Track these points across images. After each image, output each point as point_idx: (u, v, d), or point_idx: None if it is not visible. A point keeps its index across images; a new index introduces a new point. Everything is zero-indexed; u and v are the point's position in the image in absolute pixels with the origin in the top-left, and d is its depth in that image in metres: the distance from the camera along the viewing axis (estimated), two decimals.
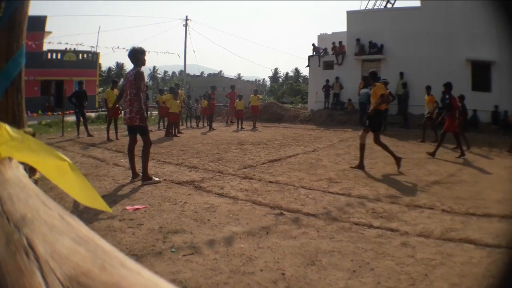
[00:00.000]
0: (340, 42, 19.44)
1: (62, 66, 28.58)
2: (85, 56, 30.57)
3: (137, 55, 5.60)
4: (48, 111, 22.21)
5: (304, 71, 75.87)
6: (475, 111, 14.43)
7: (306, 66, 21.53)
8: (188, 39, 30.39)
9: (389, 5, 21.12)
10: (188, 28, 31.73)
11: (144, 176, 5.55)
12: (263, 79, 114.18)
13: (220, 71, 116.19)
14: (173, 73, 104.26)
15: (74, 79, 25.32)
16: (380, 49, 18.00)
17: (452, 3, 15.65)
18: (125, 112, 5.76)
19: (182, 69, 38.92)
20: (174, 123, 12.80)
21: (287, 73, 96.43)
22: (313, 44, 21.55)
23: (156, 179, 5.63)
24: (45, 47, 28.26)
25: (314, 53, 20.90)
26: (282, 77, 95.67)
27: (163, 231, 3.53)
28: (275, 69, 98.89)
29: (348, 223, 3.84)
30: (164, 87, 25.38)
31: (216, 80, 67.77)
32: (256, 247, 3.19)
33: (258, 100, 17.24)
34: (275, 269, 2.76)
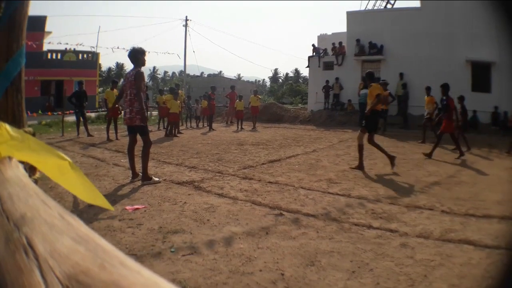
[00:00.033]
0: (340, 43, 19.44)
1: (62, 66, 28.60)
2: (85, 56, 30.60)
3: (137, 55, 5.61)
4: (48, 111, 22.20)
5: (304, 72, 76.06)
6: (475, 112, 14.42)
7: (306, 66, 21.53)
8: (188, 39, 30.45)
9: (389, 6, 21.13)
10: (188, 28, 31.77)
11: (144, 176, 5.55)
12: (263, 79, 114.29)
13: (220, 71, 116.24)
14: (173, 73, 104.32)
15: (74, 79, 25.33)
16: (380, 49, 18.00)
17: (452, 4, 15.65)
18: (125, 112, 5.77)
19: (182, 69, 38.95)
20: (174, 124, 12.79)
21: (287, 74, 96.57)
22: (313, 45, 21.55)
23: (156, 179, 5.63)
24: (45, 47, 28.29)
25: (314, 53, 20.90)
26: (282, 78, 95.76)
27: (163, 231, 3.53)
28: (275, 70, 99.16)
29: (348, 224, 3.84)
30: (164, 88, 25.37)
31: (216, 80, 67.76)
32: (256, 247, 3.19)
33: (258, 100, 17.24)
34: (275, 270, 2.76)
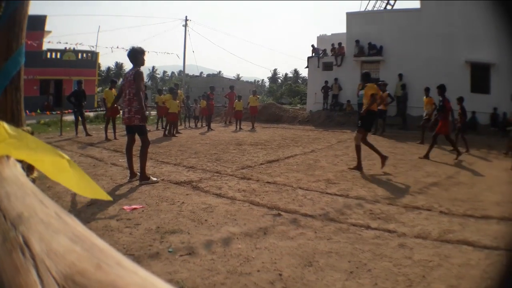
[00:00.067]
0: (340, 44, 19.45)
1: (61, 65, 28.58)
2: (84, 55, 30.59)
3: (136, 55, 5.60)
4: (47, 111, 22.20)
5: (303, 72, 76.10)
6: (474, 113, 14.43)
7: (305, 67, 21.54)
8: (187, 39, 30.45)
9: (389, 7, 21.13)
10: (187, 28, 31.79)
11: (142, 176, 5.54)
12: (262, 79, 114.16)
13: (219, 71, 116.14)
14: (172, 73, 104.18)
15: (73, 79, 25.32)
16: (380, 50, 18.01)
17: (451, 5, 15.66)
18: (123, 112, 5.77)
19: (181, 69, 38.93)
20: (172, 123, 12.79)
21: (286, 74, 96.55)
22: (312, 45, 21.55)
23: (154, 179, 5.62)
24: (45, 46, 28.26)
25: (313, 54, 20.90)
26: (281, 78, 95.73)
27: (161, 231, 3.53)
28: (274, 70, 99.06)
29: (346, 224, 3.84)
30: (163, 87, 25.34)
31: (215, 80, 67.70)
32: (254, 247, 3.19)
33: (257, 100, 17.27)
34: (272, 270, 2.76)
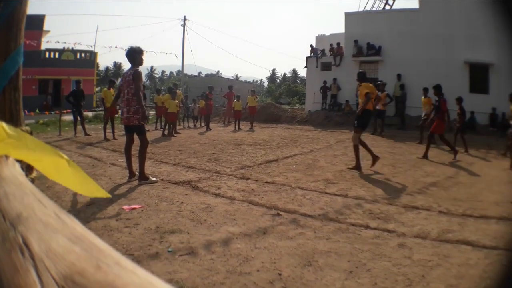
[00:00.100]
0: (338, 44, 19.44)
1: (60, 65, 28.54)
2: (83, 55, 30.55)
3: (135, 54, 5.60)
4: (46, 110, 22.18)
5: (302, 72, 76.07)
6: (472, 113, 14.45)
7: (304, 67, 21.54)
8: (186, 39, 30.46)
9: (387, 7, 21.15)
10: (186, 28, 31.81)
11: (141, 175, 5.54)
12: (261, 79, 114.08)
13: (218, 71, 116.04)
14: (170, 73, 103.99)
15: (71, 78, 25.25)
16: (378, 50, 18.02)
17: (450, 5, 15.68)
18: (122, 112, 5.76)
19: (180, 69, 38.92)
20: (171, 123, 12.78)
21: (284, 74, 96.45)
22: (311, 45, 21.55)
23: (153, 179, 5.62)
24: (43, 46, 28.25)
25: (312, 54, 20.90)
26: (280, 78, 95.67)
27: (160, 231, 3.53)
28: (273, 70, 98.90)
29: (345, 224, 3.84)
30: (162, 87, 25.28)
31: (214, 80, 67.62)
32: (253, 247, 3.19)
33: (255, 100, 17.27)
34: (272, 270, 2.76)
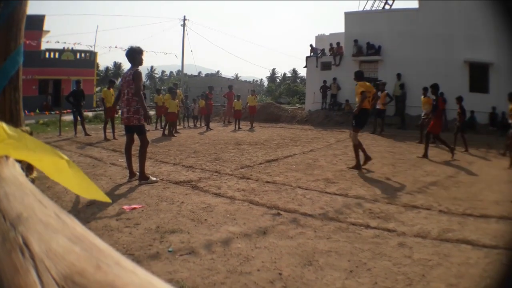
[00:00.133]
0: (338, 43, 19.44)
1: (60, 65, 28.55)
2: (82, 55, 30.55)
3: (135, 54, 5.60)
4: (46, 110, 22.18)
5: (302, 72, 76.03)
6: (472, 112, 14.45)
7: (304, 66, 21.55)
8: (186, 39, 30.49)
9: (387, 6, 21.14)
10: (186, 28, 31.81)
11: (141, 175, 5.54)
12: (261, 79, 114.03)
13: (218, 71, 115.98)
14: (170, 73, 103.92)
15: (71, 78, 25.25)
16: (378, 50, 18.01)
17: (450, 5, 15.67)
18: (122, 112, 5.77)
19: (180, 69, 38.92)
20: (172, 123, 12.78)
21: (284, 74, 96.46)
22: (310, 45, 21.55)
23: (153, 178, 5.62)
24: (43, 46, 28.24)
25: (312, 54, 20.90)
26: (280, 78, 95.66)
27: (160, 230, 3.53)
28: (273, 70, 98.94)
29: (345, 224, 3.84)
30: (162, 87, 25.29)
31: (214, 80, 67.58)
32: (253, 247, 3.19)
33: (255, 99, 17.28)
34: (272, 269, 2.76)
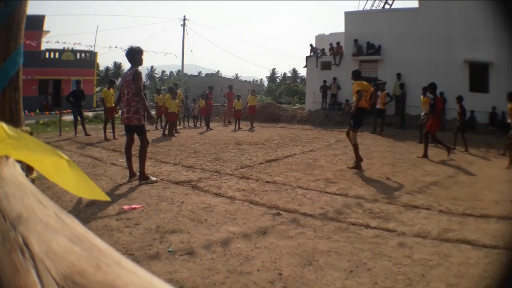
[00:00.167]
0: (338, 43, 19.44)
1: (60, 65, 28.54)
2: (83, 55, 30.55)
3: (135, 54, 5.61)
4: (46, 110, 22.17)
5: (302, 72, 76.10)
6: (472, 112, 14.45)
7: (304, 66, 21.55)
8: (186, 39, 30.51)
9: (387, 6, 21.13)
10: (186, 28, 31.81)
11: (141, 175, 5.54)
12: (261, 79, 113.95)
13: (218, 71, 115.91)
14: (170, 73, 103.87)
15: (72, 79, 25.25)
16: (378, 50, 18.01)
17: (450, 4, 15.67)
18: (122, 112, 5.77)
19: (180, 69, 38.91)
20: (172, 123, 12.77)
21: (284, 74, 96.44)
22: (310, 45, 21.55)
23: (153, 178, 5.62)
24: (43, 46, 28.25)
25: (312, 53, 20.90)
26: (280, 78, 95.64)
27: (160, 230, 3.53)
28: (273, 70, 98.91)
29: (345, 223, 3.84)
30: (162, 87, 25.29)
31: (214, 80, 67.54)
32: (253, 247, 3.19)
33: (254, 99, 17.29)
34: (272, 269, 2.76)
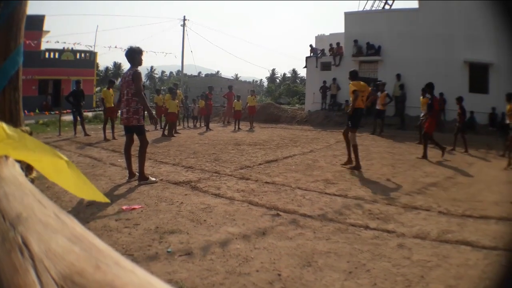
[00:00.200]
0: (338, 43, 19.44)
1: (60, 65, 28.54)
2: (82, 55, 30.55)
3: (134, 55, 5.61)
4: (45, 110, 22.17)
5: (302, 72, 76.01)
6: (472, 113, 14.44)
7: (304, 67, 21.55)
8: (185, 39, 30.52)
9: (387, 7, 21.15)
10: (185, 28, 31.82)
11: (140, 176, 5.54)
12: (261, 79, 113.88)
13: (218, 71, 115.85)
14: (170, 73, 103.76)
15: (71, 79, 25.23)
16: (378, 50, 18.02)
17: (450, 5, 15.68)
18: (122, 112, 5.77)
19: (180, 69, 38.90)
20: (171, 123, 12.77)
21: (284, 74, 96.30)
22: (310, 45, 21.55)
23: (153, 179, 5.62)
24: (43, 46, 28.26)
25: (312, 54, 20.90)
26: (280, 78, 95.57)
27: (160, 231, 3.53)
28: (273, 70, 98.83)
29: (345, 224, 3.84)
30: (162, 87, 25.30)
31: (214, 80, 67.49)
32: (252, 247, 3.19)
33: (254, 100, 17.30)
34: (271, 270, 2.76)
